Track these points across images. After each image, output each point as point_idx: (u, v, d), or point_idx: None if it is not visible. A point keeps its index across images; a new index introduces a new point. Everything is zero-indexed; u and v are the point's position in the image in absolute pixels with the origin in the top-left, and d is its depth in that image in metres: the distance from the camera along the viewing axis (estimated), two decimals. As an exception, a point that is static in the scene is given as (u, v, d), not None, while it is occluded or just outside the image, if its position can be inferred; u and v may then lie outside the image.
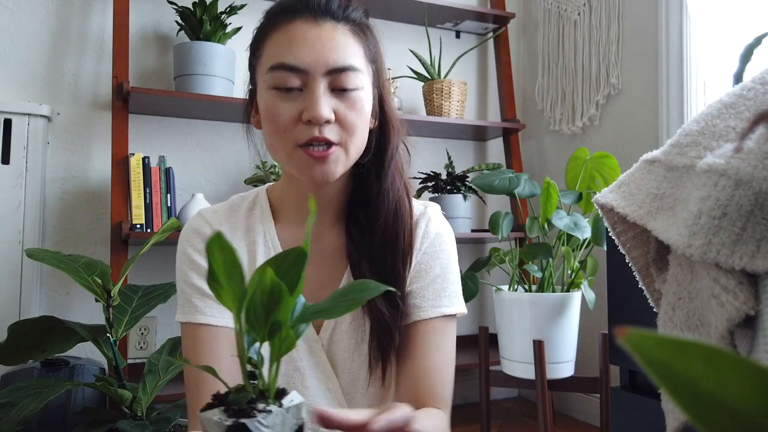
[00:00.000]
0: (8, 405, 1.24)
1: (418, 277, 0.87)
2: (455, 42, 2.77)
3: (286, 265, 0.45)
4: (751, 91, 0.59)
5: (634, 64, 2.28)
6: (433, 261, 0.88)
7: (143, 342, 2.12)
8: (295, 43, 0.78)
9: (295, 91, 0.78)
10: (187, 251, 0.86)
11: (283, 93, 0.79)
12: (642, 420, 1.36)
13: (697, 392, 0.18)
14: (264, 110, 0.81)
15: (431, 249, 0.88)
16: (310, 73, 0.78)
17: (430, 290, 0.86)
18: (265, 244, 0.88)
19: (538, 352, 1.30)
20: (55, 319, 1.40)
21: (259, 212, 0.90)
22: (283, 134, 0.79)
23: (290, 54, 0.78)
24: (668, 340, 0.18)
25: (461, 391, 2.58)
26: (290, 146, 0.79)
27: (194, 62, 2.08)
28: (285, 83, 0.78)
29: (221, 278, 0.44)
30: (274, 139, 0.80)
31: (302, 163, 0.79)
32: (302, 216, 0.88)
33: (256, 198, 0.92)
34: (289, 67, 0.78)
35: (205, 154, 2.29)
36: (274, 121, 0.79)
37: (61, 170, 2.10)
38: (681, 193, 0.57)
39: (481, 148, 2.84)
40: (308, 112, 0.77)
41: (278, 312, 0.45)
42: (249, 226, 0.89)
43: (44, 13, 2.12)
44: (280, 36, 0.80)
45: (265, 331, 0.46)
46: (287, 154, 0.80)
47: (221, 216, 0.88)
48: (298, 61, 0.78)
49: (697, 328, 0.57)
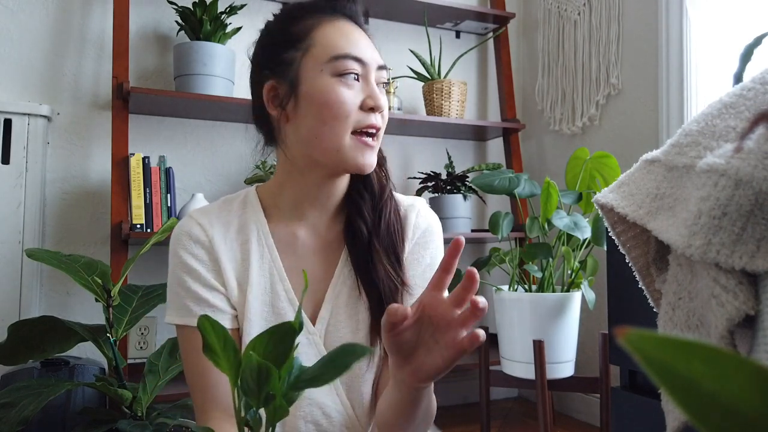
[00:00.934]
0: (8, 405, 1.24)
1: (409, 267, 0.91)
2: (455, 42, 2.77)
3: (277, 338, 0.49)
4: (751, 91, 0.59)
5: (634, 64, 2.28)
6: (424, 251, 0.93)
7: (143, 342, 2.12)
8: (352, 38, 0.85)
9: (354, 80, 0.84)
10: (179, 254, 0.86)
11: (347, 80, 0.83)
12: (642, 420, 1.36)
13: (697, 392, 0.18)
14: (323, 97, 0.83)
15: (422, 240, 0.93)
16: (369, 65, 0.85)
17: (422, 279, 0.90)
18: (258, 242, 0.89)
19: (538, 352, 1.31)
20: (55, 319, 1.40)
21: (251, 211, 0.91)
22: (344, 120, 0.83)
23: (353, 46, 0.84)
24: (668, 340, 0.18)
25: (461, 391, 2.58)
26: (346, 132, 0.83)
27: (194, 62, 2.08)
28: (349, 70, 0.83)
29: (217, 350, 0.48)
30: (332, 124, 0.83)
31: (355, 150, 0.84)
32: (296, 214, 0.90)
33: (245, 197, 0.93)
34: (354, 58, 0.84)
35: (205, 154, 2.29)
36: (339, 107, 0.82)
37: (61, 170, 2.10)
38: (681, 193, 0.57)
39: (481, 148, 2.84)
40: (373, 99, 0.84)
41: (269, 386, 0.48)
42: (241, 224, 0.90)
43: (44, 13, 2.12)
44: (331, 29, 0.85)
45: (259, 399, 0.49)
46: (339, 140, 0.83)
47: (212, 217, 0.89)
48: (361, 53, 0.85)
49: (697, 328, 0.57)
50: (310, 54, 0.84)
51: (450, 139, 2.73)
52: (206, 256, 0.86)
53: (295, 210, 0.90)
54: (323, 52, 0.84)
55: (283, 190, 0.91)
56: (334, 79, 0.83)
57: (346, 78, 0.83)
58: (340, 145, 0.83)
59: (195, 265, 0.85)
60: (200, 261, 0.86)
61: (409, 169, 2.63)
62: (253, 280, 0.87)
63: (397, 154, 2.62)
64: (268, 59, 0.88)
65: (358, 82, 0.84)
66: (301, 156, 0.87)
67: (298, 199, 0.90)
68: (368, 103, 0.84)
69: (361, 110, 0.84)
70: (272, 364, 0.46)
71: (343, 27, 0.86)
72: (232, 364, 0.49)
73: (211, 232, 0.87)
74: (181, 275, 0.86)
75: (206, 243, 0.86)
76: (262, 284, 0.87)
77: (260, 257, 0.88)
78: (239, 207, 0.91)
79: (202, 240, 0.86)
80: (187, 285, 0.85)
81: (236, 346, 0.49)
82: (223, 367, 0.49)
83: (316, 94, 0.83)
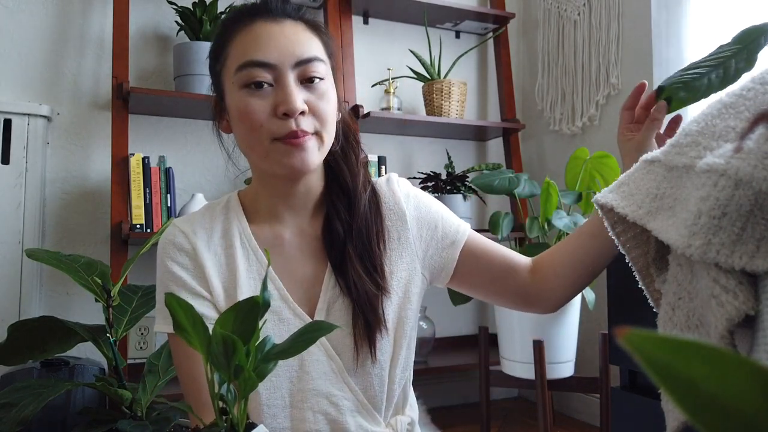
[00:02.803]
0: (8, 405, 1.24)
1: (433, 229, 0.93)
2: (455, 42, 2.77)
3: (242, 314, 0.51)
4: (751, 91, 0.59)
5: (634, 64, 2.28)
6: (427, 211, 0.94)
7: (143, 342, 2.12)
8: (261, 41, 0.81)
9: (266, 87, 0.80)
10: (165, 263, 0.87)
11: (254, 90, 0.80)
12: (642, 420, 1.36)
13: (697, 392, 0.18)
14: (236, 110, 0.82)
15: (418, 204, 0.94)
16: (279, 67, 0.80)
17: (449, 224, 0.94)
18: (242, 245, 0.89)
19: (538, 352, 1.31)
20: (55, 319, 1.40)
21: (234, 215, 0.91)
22: (258, 130, 0.80)
23: (258, 51, 0.80)
24: (668, 340, 0.18)
25: (461, 391, 2.58)
26: (267, 141, 0.81)
27: (194, 62, 2.08)
28: (255, 79, 0.80)
29: (187, 327, 0.51)
30: (250, 137, 0.82)
31: (281, 154, 0.81)
32: (275, 216, 0.90)
33: (228, 202, 0.93)
34: (258, 63, 0.80)
35: (205, 154, 2.29)
36: (249, 118, 0.80)
37: (61, 170, 2.10)
38: (681, 193, 0.57)
39: (481, 148, 2.84)
40: (283, 104, 0.79)
41: (236, 358, 0.50)
42: (224, 229, 0.90)
43: (44, 13, 2.12)
44: (243, 37, 0.82)
45: (229, 372, 0.51)
46: (264, 149, 0.81)
47: (195, 224, 0.89)
48: (267, 56, 0.80)
49: (697, 328, 0.57)
50: (226, 67, 0.84)
51: (450, 139, 2.72)
52: (190, 264, 0.86)
53: (273, 212, 0.90)
54: (232, 64, 0.82)
55: (258, 193, 0.91)
56: (243, 90, 0.81)
57: (255, 87, 0.80)
58: (266, 153, 0.82)
59: (180, 273, 0.85)
60: (185, 269, 0.86)
61: (409, 169, 2.63)
62: (242, 282, 0.86)
63: (397, 154, 2.62)
64: (210, 73, 0.89)
65: (271, 87, 0.81)
66: (251, 165, 0.88)
67: (272, 201, 0.90)
68: (279, 110, 0.79)
69: (277, 117, 0.80)
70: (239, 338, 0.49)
71: (255, 31, 0.82)
72: (203, 340, 0.51)
73: (194, 240, 0.87)
74: (167, 284, 0.86)
75: (190, 251, 0.86)
76: (252, 286, 0.87)
77: (246, 260, 0.88)
78: (221, 212, 0.92)
79: (186, 248, 0.86)
80: (174, 293, 0.85)
81: (205, 324, 0.51)
82: (194, 343, 0.51)
83: (232, 108, 0.83)
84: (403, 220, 0.92)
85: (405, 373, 0.94)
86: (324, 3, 2.41)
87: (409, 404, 0.98)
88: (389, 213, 0.92)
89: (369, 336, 0.86)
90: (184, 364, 0.85)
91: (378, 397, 0.90)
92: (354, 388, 0.88)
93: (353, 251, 0.87)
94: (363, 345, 0.87)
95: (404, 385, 0.94)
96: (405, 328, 0.91)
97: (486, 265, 0.94)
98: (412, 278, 0.92)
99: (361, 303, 0.86)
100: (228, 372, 0.51)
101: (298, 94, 0.80)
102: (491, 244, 0.96)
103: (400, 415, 0.95)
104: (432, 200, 0.97)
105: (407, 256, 0.92)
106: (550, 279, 0.92)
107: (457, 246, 0.93)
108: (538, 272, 0.94)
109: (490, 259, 0.94)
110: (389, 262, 0.90)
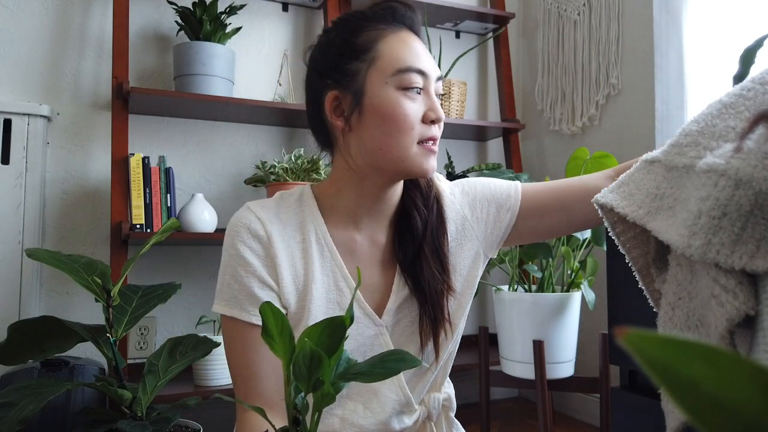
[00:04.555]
0: (8, 405, 1.24)
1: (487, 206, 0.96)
2: (455, 42, 2.77)
3: (330, 330, 0.52)
4: (751, 92, 0.59)
5: (634, 64, 2.28)
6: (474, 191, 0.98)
7: (143, 342, 2.12)
8: (415, 50, 0.87)
9: (417, 93, 0.86)
10: (236, 245, 0.87)
11: (411, 94, 0.85)
12: (642, 420, 1.36)
13: (697, 392, 0.18)
14: (389, 109, 0.84)
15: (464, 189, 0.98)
16: (430, 77, 0.87)
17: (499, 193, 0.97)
18: (318, 243, 0.90)
19: (538, 352, 1.31)
20: (55, 319, 1.40)
21: (308, 210, 0.92)
22: (410, 132, 0.85)
23: (417, 59, 0.86)
24: (668, 340, 0.18)
25: (461, 391, 2.58)
26: (412, 144, 0.85)
27: (194, 62, 2.08)
28: (414, 84, 0.85)
29: (275, 335, 0.52)
30: (398, 136, 0.85)
31: (422, 157, 0.86)
32: (352, 219, 0.92)
33: (301, 196, 0.94)
34: (418, 70, 0.85)
35: (205, 154, 2.29)
36: (404, 119, 0.84)
37: (61, 170, 2.10)
38: (681, 193, 0.57)
39: (481, 148, 2.84)
40: (435, 112, 0.86)
41: (319, 372, 0.52)
42: (300, 223, 0.91)
43: (44, 13, 2.12)
44: (396, 42, 0.86)
45: (309, 385, 0.52)
46: (406, 151, 0.85)
47: (270, 212, 0.89)
48: (424, 65, 0.86)
49: (697, 328, 0.57)
50: (375, 66, 0.85)
51: (450, 139, 2.73)
52: (263, 252, 0.86)
53: (352, 215, 0.92)
54: (388, 65, 0.85)
55: (341, 194, 0.92)
56: (399, 92, 0.84)
57: (411, 91, 0.85)
58: (405, 155, 0.85)
59: (251, 259, 0.86)
60: (257, 255, 0.86)
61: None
62: (317, 277, 0.88)
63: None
64: (331, 68, 0.88)
65: (420, 95, 0.86)
66: (363, 164, 0.88)
67: (355, 204, 0.91)
68: (430, 116, 0.86)
69: (423, 123, 0.86)
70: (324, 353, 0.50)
71: (405, 38, 0.87)
72: (287, 350, 0.52)
73: (270, 228, 0.87)
74: (236, 267, 0.86)
75: (264, 239, 0.87)
76: (326, 282, 0.88)
77: (321, 256, 0.89)
78: (296, 205, 0.92)
79: (261, 235, 0.87)
80: (241, 278, 0.86)
81: (292, 333, 0.52)
82: (278, 351, 0.52)
83: (381, 107, 0.85)
84: (455, 210, 0.96)
85: (452, 354, 0.98)
86: (324, 3, 2.41)
87: (447, 380, 1.02)
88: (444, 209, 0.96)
89: (434, 335, 0.90)
90: (237, 349, 0.86)
91: (422, 386, 0.94)
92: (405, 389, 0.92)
93: (428, 248, 0.91)
94: (427, 344, 0.91)
95: (446, 361, 0.98)
96: (462, 316, 0.96)
97: (556, 205, 0.96)
98: (475, 264, 0.96)
99: (429, 301, 0.90)
100: (308, 384, 0.52)
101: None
102: (558, 183, 0.98)
103: (436, 393, 0.97)
104: (474, 179, 1.01)
105: (467, 243, 0.96)
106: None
107: (514, 210, 0.96)
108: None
109: (560, 198, 0.96)
110: (452, 256, 0.94)
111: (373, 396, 0.90)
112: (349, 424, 0.89)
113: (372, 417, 0.89)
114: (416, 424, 0.94)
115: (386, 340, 0.90)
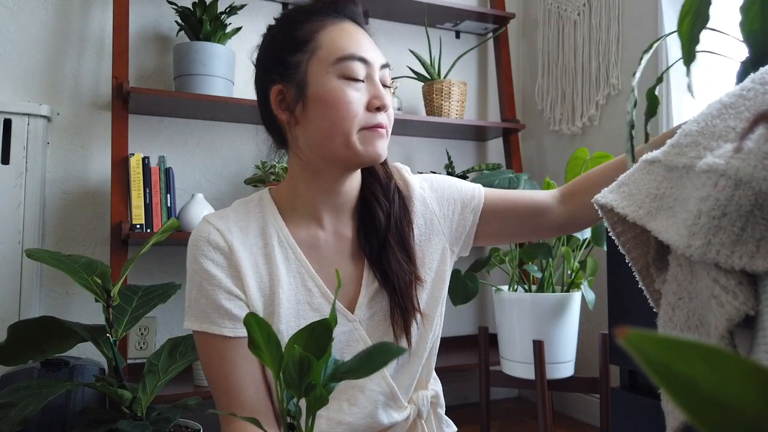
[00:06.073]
0: (8, 405, 1.24)
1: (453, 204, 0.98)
2: (455, 42, 2.77)
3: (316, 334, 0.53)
4: (751, 92, 0.59)
5: (634, 64, 2.28)
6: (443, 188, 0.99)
7: (143, 342, 2.12)
8: (356, 39, 0.87)
9: (359, 81, 0.86)
10: (198, 260, 0.86)
11: (353, 82, 0.85)
12: (642, 420, 1.36)
13: (697, 392, 0.18)
14: (332, 98, 0.84)
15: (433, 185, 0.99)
16: (373, 66, 0.87)
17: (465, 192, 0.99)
18: (281, 246, 0.89)
19: (538, 352, 1.31)
20: (55, 320, 1.40)
21: (269, 214, 0.91)
22: (352, 119, 0.85)
23: (358, 47, 0.86)
24: (668, 340, 0.18)
25: (461, 391, 2.58)
26: (356, 129, 0.85)
27: (194, 62, 2.08)
28: (355, 73, 0.85)
29: (262, 345, 0.52)
30: (341, 124, 0.84)
31: (367, 141, 0.86)
32: (313, 216, 0.92)
33: (260, 200, 0.93)
34: (359, 58, 0.86)
35: (205, 154, 2.29)
36: (347, 107, 0.84)
37: (61, 170, 2.10)
38: (681, 194, 0.57)
39: (481, 148, 2.84)
40: (379, 100, 0.86)
41: (310, 376, 0.52)
42: (261, 228, 0.90)
43: (44, 13, 2.12)
44: (336, 32, 0.86)
45: (300, 390, 0.53)
46: (349, 135, 0.85)
47: (229, 222, 0.89)
48: (365, 54, 0.86)
49: (697, 329, 0.57)
50: (316, 56, 0.85)
51: (450, 139, 2.72)
52: (225, 262, 0.86)
53: (312, 213, 0.91)
54: (329, 54, 0.85)
55: (298, 192, 0.91)
56: (341, 80, 0.84)
57: (353, 80, 0.85)
58: (348, 141, 0.85)
59: (215, 271, 0.85)
60: (220, 267, 0.86)
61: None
62: (283, 281, 0.87)
63: (397, 154, 2.62)
64: (274, 63, 0.89)
65: (364, 83, 0.86)
66: (314, 156, 0.88)
67: (313, 201, 0.91)
68: (374, 103, 0.86)
69: (368, 110, 0.86)
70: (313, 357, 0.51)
71: (346, 28, 0.88)
72: (275, 358, 0.53)
73: (230, 238, 0.87)
74: (200, 282, 0.86)
75: (225, 249, 0.86)
76: (293, 284, 0.88)
77: (285, 259, 0.89)
78: (256, 210, 0.92)
79: (221, 246, 0.86)
80: (207, 292, 0.85)
81: (279, 341, 0.52)
82: (266, 360, 0.53)
83: (323, 96, 0.84)
84: (424, 204, 0.96)
85: (434, 350, 0.98)
86: (324, 3, 2.41)
87: (433, 377, 1.02)
88: (413, 201, 0.96)
89: (405, 325, 0.91)
90: (214, 362, 0.85)
91: (407, 382, 0.94)
92: (389, 380, 0.91)
93: (393, 239, 0.91)
94: (401, 335, 0.91)
95: (428, 357, 0.98)
96: (436, 310, 0.96)
97: (511, 214, 1.00)
98: (443, 258, 0.96)
99: (398, 292, 0.90)
100: (299, 389, 0.52)
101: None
102: (512, 194, 1.01)
103: (423, 390, 0.97)
104: (442, 177, 1.02)
105: (435, 237, 0.96)
106: (583, 206, 0.97)
107: (477, 210, 0.98)
108: (569, 201, 0.99)
109: (514, 208, 0.99)
110: (420, 249, 0.94)
111: (358, 391, 0.90)
112: (336, 422, 0.88)
113: (359, 412, 0.89)
114: (407, 422, 0.94)
115: (362, 335, 0.90)
